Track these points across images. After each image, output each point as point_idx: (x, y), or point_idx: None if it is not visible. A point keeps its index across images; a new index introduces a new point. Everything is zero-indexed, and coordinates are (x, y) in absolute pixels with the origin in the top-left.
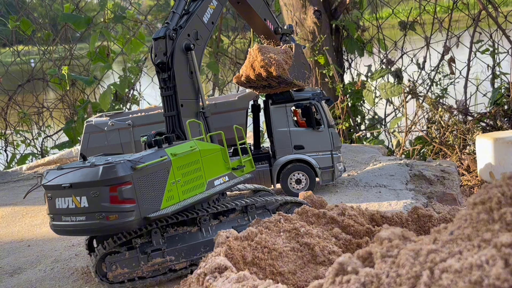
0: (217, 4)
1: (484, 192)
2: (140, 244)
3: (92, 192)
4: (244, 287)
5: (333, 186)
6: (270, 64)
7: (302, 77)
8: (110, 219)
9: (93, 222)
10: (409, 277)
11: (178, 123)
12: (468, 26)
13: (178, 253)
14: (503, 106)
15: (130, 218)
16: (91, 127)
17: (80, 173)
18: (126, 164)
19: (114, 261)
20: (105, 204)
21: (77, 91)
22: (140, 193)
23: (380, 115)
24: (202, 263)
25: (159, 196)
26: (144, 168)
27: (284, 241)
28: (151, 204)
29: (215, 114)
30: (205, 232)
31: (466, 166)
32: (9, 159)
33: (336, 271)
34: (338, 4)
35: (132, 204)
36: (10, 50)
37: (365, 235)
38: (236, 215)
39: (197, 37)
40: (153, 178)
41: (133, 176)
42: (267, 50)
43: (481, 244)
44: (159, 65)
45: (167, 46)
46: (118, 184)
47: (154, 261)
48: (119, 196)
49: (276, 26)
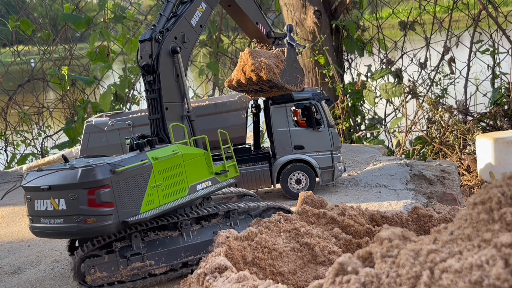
0: (206, 7)
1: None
2: (119, 248)
3: (71, 195)
4: (244, 287)
5: (333, 186)
6: (260, 68)
7: (294, 82)
8: (88, 222)
9: (71, 225)
10: (409, 277)
11: (162, 126)
12: (468, 26)
13: (158, 257)
14: (503, 106)
15: (108, 222)
16: (91, 127)
17: (59, 175)
18: (105, 167)
19: (93, 264)
20: (83, 207)
21: (77, 91)
22: (118, 197)
23: (380, 115)
24: (202, 263)
25: (138, 200)
26: (123, 171)
27: (284, 241)
28: (130, 208)
29: (215, 114)
30: (186, 237)
31: (466, 166)
32: (9, 159)
33: (336, 271)
34: (338, 4)
35: (111, 208)
36: (10, 50)
37: (365, 235)
38: (218, 220)
39: (184, 40)
40: (133, 181)
41: (112, 179)
42: (258, 54)
43: (481, 244)
44: (144, 68)
45: (153, 48)
46: (97, 187)
47: (133, 265)
48: (97, 199)
49: (269, 30)
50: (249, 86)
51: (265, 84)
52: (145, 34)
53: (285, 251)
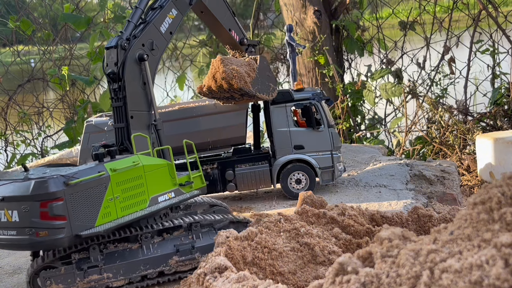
0: (177, 13)
1: (484, 192)
2: (77, 260)
3: (23, 207)
4: (244, 287)
5: (333, 186)
6: (231, 76)
7: (266, 90)
8: (40, 235)
9: (24, 238)
10: (409, 277)
11: (127, 135)
12: (468, 26)
13: (116, 270)
14: (503, 106)
15: (60, 235)
16: (91, 127)
17: (13, 187)
18: (59, 179)
19: (49, 276)
20: (35, 220)
21: (77, 91)
22: (72, 210)
23: (380, 115)
24: (202, 263)
25: (94, 213)
26: (78, 184)
27: (284, 241)
28: (84, 221)
29: (215, 114)
30: (146, 249)
31: (466, 166)
32: (9, 159)
33: (336, 271)
34: (338, 4)
35: (63, 221)
36: (10, 50)
37: (365, 235)
38: (180, 232)
39: (153, 47)
40: (88, 194)
41: (65, 192)
42: (230, 62)
43: (481, 244)
44: (110, 75)
45: (119, 56)
46: (49, 200)
47: (90, 278)
48: (50, 212)
49: (242, 37)
50: (220, 94)
51: (236, 92)
52: (111, 41)
53: (285, 251)
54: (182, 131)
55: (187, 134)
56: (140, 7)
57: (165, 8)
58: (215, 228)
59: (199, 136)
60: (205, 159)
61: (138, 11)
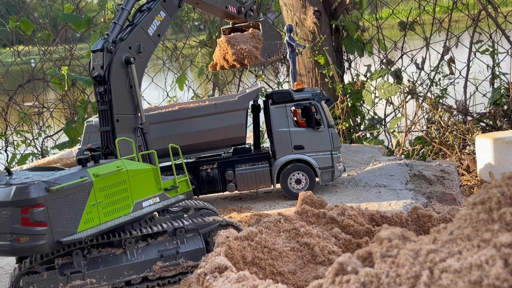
0: (165, 16)
1: (484, 192)
2: (60, 265)
3: (4, 213)
4: (244, 287)
5: (333, 186)
6: (242, 57)
7: (275, 50)
8: (21, 241)
9: (4, 243)
10: (409, 277)
11: (112, 139)
12: (468, 27)
13: (99, 275)
14: (502, 106)
15: (42, 241)
16: (91, 127)
17: None
18: (40, 185)
19: (31, 281)
20: (16, 226)
21: (77, 91)
22: (53, 216)
23: (380, 115)
24: (203, 263)
25: (76, 219)
26: (59, 189)
27: (284, 241)
28: (65, 227)
29: (215, 114)
30: (129, 255)
31: (466, 166)
32: (9, 159)
33: (336, 271)
34: (338, 4)
35: (44, 227)
36: (10, 50)
37: (365, 235)
38: (165, 237)
39: (140, 50)
40: (70, 200)
41: (47, 198)
42: (236, 41)
43: (480, 244)
44: (96, 79)
45: (105, 59)
46: (30, 206)
47: (73, 284)
48: (31, 218)
49: (238, 6)
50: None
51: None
52: (97, 43)
53: (285, 251)
54: (182, 131)
55: (187, 134)
56: (127, 9)
57: (153, 10)
58: (200, 233)
59: (199, 136)
60: (205, 159)
61: (125, 12)
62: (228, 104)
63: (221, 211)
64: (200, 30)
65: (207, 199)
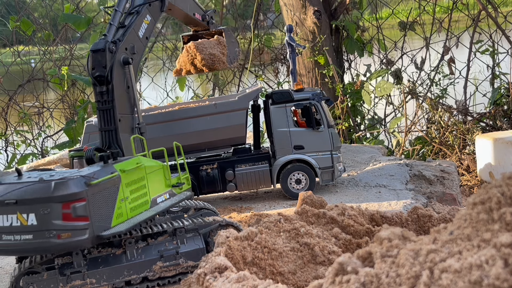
0: (150, 19)
1: (484, 192)
2: (60, 265)
3: (42, 209)
4: (244, 287)
5: (333, 186)
6: (211, 62)
7: (234, 57)
8: (62, 237)
9: (42, 241)
10: (409, 277)
11: (115, 138)
12: (467, 27)
13: (99, 275)
14: (502, 106)
15: (84, 236)
16: (91, 127)
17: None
18: (80, 179)
19: (31, 281)
20: (56, 222)
21: (77, 91)
22: (93, 210)
23: (380, 115)
24: (203, 263)
25: (110, 214)
26: (97, 184)
27: (284, 241)
28: (103, 221)
29: (215, 114)
30: (129, 255)
31: (466, 166)
32: (9, 159)
33: (336, 271)
34: (338, 4)
35: (86, 222)
36: (10, 51)
37: (365, 235)
38: (165, 237)
39: (134, 51)
40: (105, 194)
41: (87, 192)
42: (204, 47)
43: (480, 244)
44: (97, 78)
45: (107, 59)
46: (72, 201)
47: (73, 284)
48: (73, 213)
49: (202, 14)
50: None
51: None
52: (96, 43)
53: (285, 251)
54: (182, 131)
55: (187, 134)
56: (119, 10)
57: (141, 14)
58: (200, 233)
59: (199, 136)
60: (205, 159)
61: (118, 13)
62: (228, 104)
63: (221, 211)
64: None
65: (207, 199)
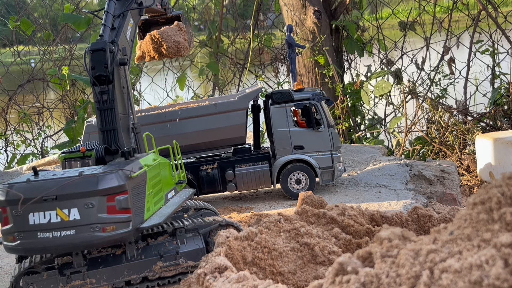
0: (133, 23)
1: (484, 192)
2: (60, 265)
3: (86, 203)
4: (244, 287)
5: (333, 186)
6: (177, 50)
7: (191, 40)
8: (107, 230)
9: (86, 235)
10: (409, 277)
11: (116, 137)
12: (468, 27)
13: (99, 275)
14: (502, 106)
15: (127, 228)
16: (91, 127)
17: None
18: (121, 173)
19: (31, 281)
20: (101, 215)
21: (77, 91)
22: (133, 203)
23: (380, 115)
24: (203, 263)
25: (143, 207)
26: (134, 177)
27: (284, 241)
28: (139, 215)
29: (215, 115)
30: (129, 255)
31: (466, 166)
32: (9, 159)
33: (336, 271)
34: (338, 4)
35: (129, 214)
36: (10, 50)
37: (365, 235)
38: (165, 237)
39: (125, 53)
40: (139, 188)
41: (129, 184)
42: (168, 35)
43: (480, 244)
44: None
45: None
46: (116, 193)
47: (73, 284)
48: (117, 205)
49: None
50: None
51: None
52: (96, 44)
53: (285, 251)
54: (182, 131)
55: (187, 134)
56: (110, 12)
57: (127, 18)
58: (200, 233)
59: (199, 136)
60: (205, 159)
61: (109, 15)
62: (228, 104)
63: (221, 211)
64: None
65: (207, 199)
